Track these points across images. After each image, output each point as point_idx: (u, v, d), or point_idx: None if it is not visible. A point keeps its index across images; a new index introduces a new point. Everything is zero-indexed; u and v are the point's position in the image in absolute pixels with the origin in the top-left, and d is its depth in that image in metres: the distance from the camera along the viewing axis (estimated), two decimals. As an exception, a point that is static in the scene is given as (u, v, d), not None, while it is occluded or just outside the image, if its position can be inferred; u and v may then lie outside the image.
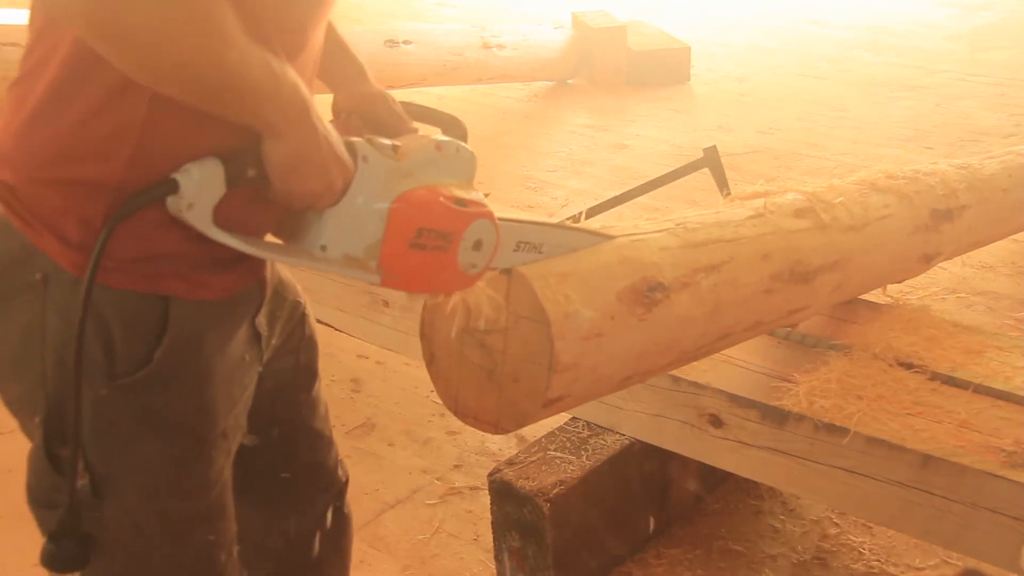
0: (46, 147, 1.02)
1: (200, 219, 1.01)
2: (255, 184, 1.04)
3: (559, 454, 2.05)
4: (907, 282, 2.35)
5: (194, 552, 1.19)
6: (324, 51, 1.20)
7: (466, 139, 1.20)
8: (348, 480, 1.51)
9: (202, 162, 1.01)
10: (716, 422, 1.85)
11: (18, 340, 1.07)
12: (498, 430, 1.31)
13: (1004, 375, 1.86)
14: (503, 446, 2.62)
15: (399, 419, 2.80)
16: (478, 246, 1.14)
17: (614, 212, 2.94)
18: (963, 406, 1.76)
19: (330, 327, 2.47)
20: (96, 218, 1.02)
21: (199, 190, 1.00)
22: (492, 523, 2.06)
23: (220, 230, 1.03)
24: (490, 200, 1.17)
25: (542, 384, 1.25)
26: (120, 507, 1.12)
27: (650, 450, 2.04)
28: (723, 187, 2.91)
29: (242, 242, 1.05)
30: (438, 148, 1.13)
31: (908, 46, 6.65)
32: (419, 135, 1.19)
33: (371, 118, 1.29)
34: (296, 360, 1.36)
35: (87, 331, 1.01)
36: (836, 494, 1.75)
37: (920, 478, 1.64)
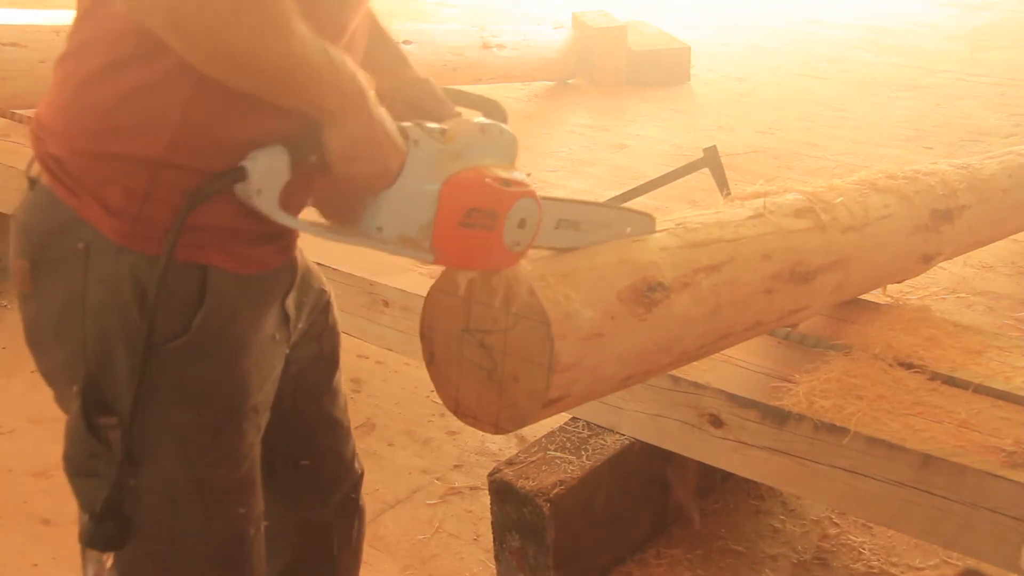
0: (91, 121, 1.06)
1: (267, 204, 1.06)
2: (316, 169, 1.07)
3: (559, 454, 2.05)
4: (907, 282, 2.35)
5: (225, 524, 1.21)
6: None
7: (507, 122, 1.23)
8: (363, 473, 1.53)
9: (269, 150, 1.05)
10: (716, 422, 1.85)
11: (59, 309, 1.10)
12: (498, 430, 1.31)
13: (1004, 375, 1.86)
14: (503, 446, 2.62)
15: (399, 419, 2.80)
16: (522, 224, 1.17)
17: (614, 212, 2.93)
18: (963, 406, 1.76)
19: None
20: (139, 188, 1.06)
21: (266, 176, 1.05)
22: (492, 523, 2.06)
23: (285, 213, 1.07)
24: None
25: (542, 384, 1.25)
26: (155, 475, 1.14)
27: (650, 450, 2.04)
28: (723, 187, 2.90)
29: (307, 225, 1.10)
30: (482, 131, 1.16)
31: (908, 46, 6.65)
32: (463, 119, 1.22)
33: (414, 103, 1.32)
34: (319, 348, 1.39)
35: (128, 299, 1.06)
36: (836, 494, 1.75)
37: (920, 478, 1.64)
